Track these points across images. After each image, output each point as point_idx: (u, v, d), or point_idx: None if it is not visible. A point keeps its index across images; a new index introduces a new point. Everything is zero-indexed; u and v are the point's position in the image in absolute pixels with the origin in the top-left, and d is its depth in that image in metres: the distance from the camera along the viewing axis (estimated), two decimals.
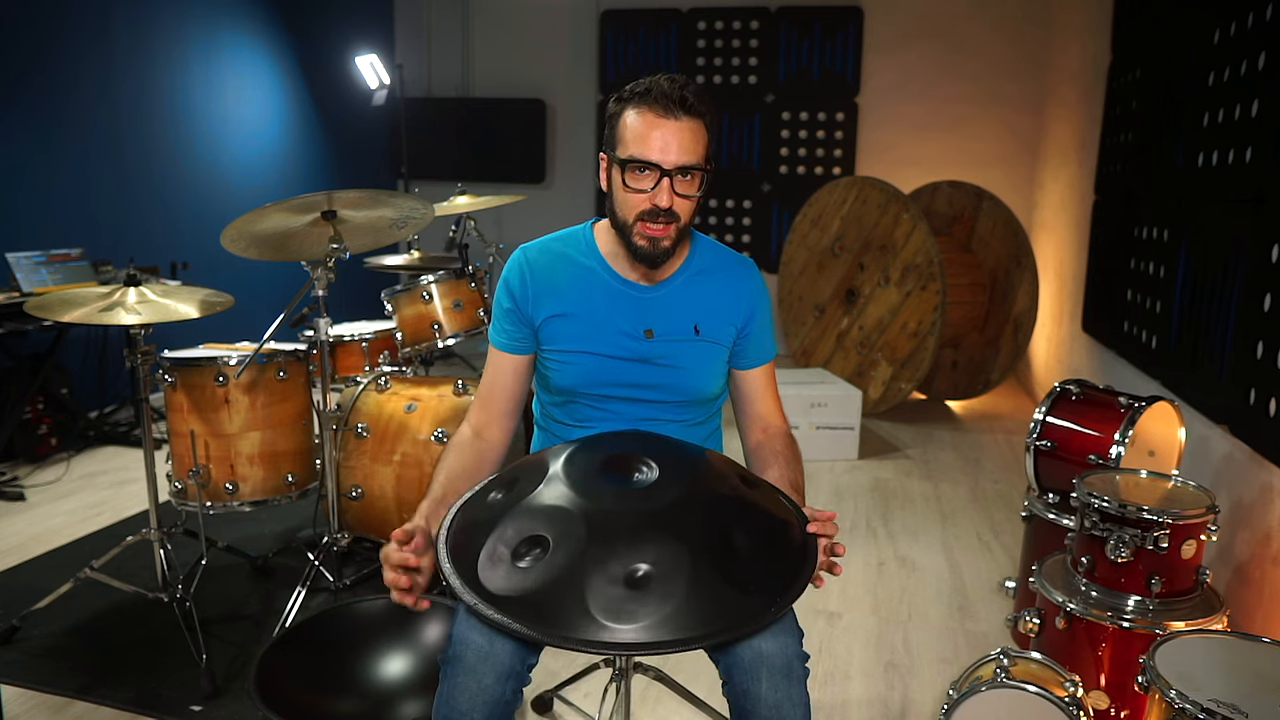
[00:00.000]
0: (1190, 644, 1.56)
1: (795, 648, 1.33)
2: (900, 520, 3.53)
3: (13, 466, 3.80)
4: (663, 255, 1.51)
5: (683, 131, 1.44)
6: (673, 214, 1.47)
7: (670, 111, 1.43)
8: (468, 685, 1.29)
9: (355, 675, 1.81)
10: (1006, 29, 5.88)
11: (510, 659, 1.31)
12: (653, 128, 1.44)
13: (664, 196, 1.45)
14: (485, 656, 1.30)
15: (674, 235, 1.50)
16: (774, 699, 1.29)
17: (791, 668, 1.31)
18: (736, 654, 1.31)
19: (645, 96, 1.45)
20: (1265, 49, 2.36)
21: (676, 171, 1.45)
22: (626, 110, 1.47)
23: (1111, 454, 2.34)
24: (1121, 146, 3.82)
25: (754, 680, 1.30)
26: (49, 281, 3.66)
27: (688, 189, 1.47)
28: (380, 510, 2.77)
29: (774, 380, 1.70)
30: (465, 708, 1.29)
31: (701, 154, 1.47)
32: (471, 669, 1.30)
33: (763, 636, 1.31)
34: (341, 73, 6.21)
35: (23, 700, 2.19)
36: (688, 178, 1.46)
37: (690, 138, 1.45)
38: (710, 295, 1.61)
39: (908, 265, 4.63)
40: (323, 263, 2.43)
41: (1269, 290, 2.20)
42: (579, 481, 1.29)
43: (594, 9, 6.51)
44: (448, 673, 1.32)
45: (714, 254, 1.66)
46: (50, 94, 4.14)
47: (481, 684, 1.29)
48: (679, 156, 1.44)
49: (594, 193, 6.71)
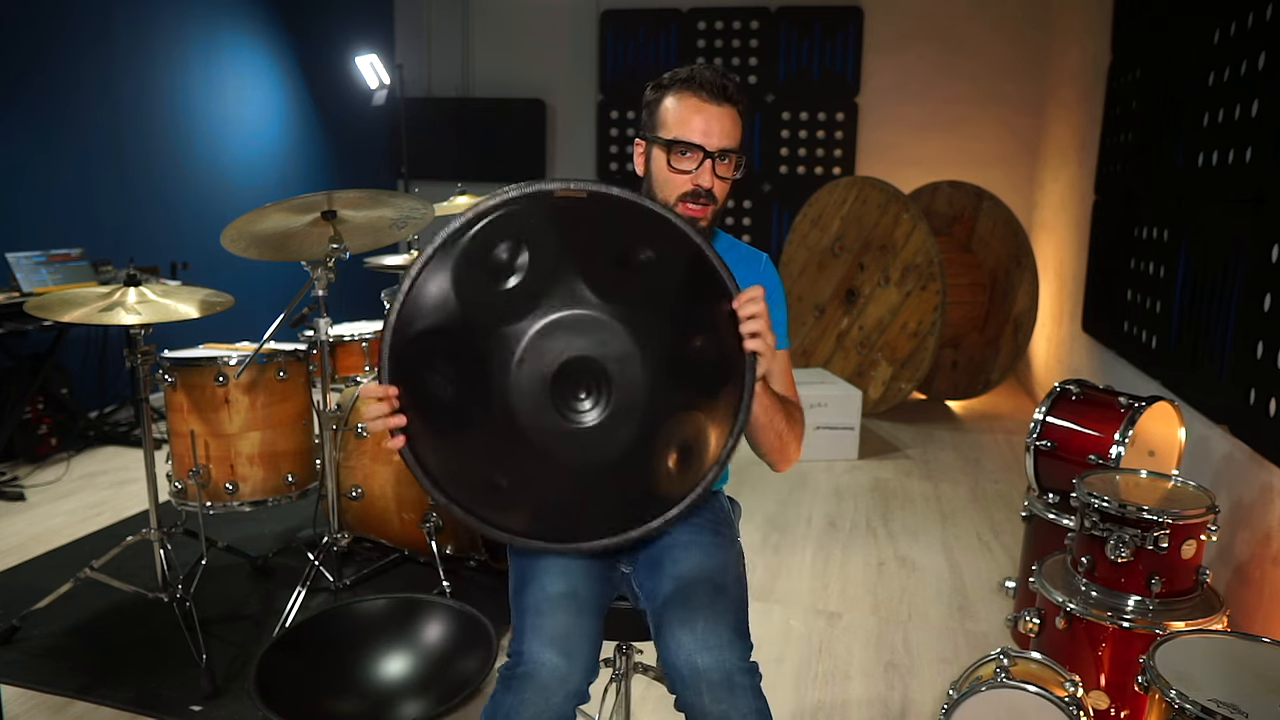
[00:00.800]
0: (1190, 644, 1.56)
1: (734, 660, 1.33)
2: (900, 520, 3.53)
3: (13, 466, 3.80)
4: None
5: (724, 117, 1.50)
6: (712, 195, 1.52)
7: (714, 97, 1.49)
8: (535, 703, 1.29)
9: (355, 675, 1.81)
10: (1006, 29, 5.88)
11: (581, 678, 1.33)
12: (696, 111, 1.49)
13: (706, 177, 1.50)
14: (562, 677, 1.31)
15: (710, 217, 1.54)
16: (718, 712, 1.29)
17: (732, 679, 1.31)
18: (677, 668, 1.33)
19: (689, 83, 1.50)
20: (1265, 49, 2.36)
21: (718, 154, 1.50)
22: (667, 96, 1.53)
23: (1111, 454, 2.34)
24: (1121, 146, 3.82)
25: (695, 694, 1.31)
26: (49, 281, 3.66)
27: (726, 171, 1.52)
28: (380, 510, 2.77)
29: (789, 372, 1.68)
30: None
31: (738, 139, 1.53)
32: (543, 687, 1.30)
33: (699, 650, 1.32)
34: (341, 73, 6.21)
35: (23, 700, 2.19)
36: (726, 161, 1.51)
37: (731, 124, 1.51)
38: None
39: (908, 265, 4.62)
40: (323, 263, 2.43)
41: (1269, 290, 2.20)
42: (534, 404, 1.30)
43: (594, 9, 6.51)
44: (514, 687, 1.31)
45: (731, 246, 1.69)
46: (51, 94, 4.14)
47: (550, 702, 1.30)
48: (720, 140, 1.49)
49: None
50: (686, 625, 1.35)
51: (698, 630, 1.34)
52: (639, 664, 2.03)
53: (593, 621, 1.40)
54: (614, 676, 1.82)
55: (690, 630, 1.34)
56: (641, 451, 1.33)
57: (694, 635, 1.34)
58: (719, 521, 1.62)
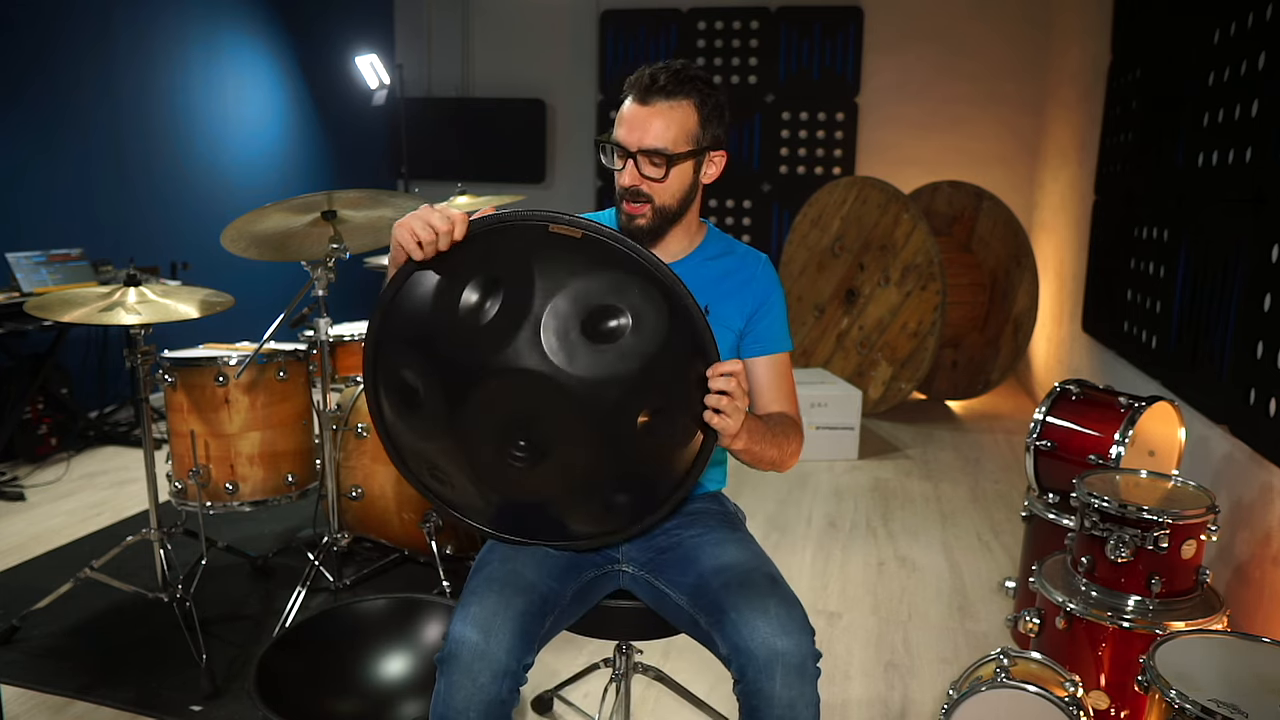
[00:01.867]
0: (1190, 644, 1.56)
1: (809, 646, 1.33)
2: (900, 520, 3.53)
3: (13, 466, 3.80)
4: (639, 233, 1.53)
5: (652, 115, 1.47)
6: (641, 194, 1.50)
7: (641, 94, 1.48)
8: (463, 684, 1.29)
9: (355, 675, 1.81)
10: (1006, 29, 5.88)
11: (506, 657, 1.31)
12: (626, 111, 1.50)
13: (625, 176, 1.50)
14: (481, 654, 1.30)
15: (651, 216, 1.53)
16: (788, 697, 1.29)
17: (805, 666, 1.31)
18: (750, 651, 1.31)
19: (629, 83, 1.51)
20: (1265, 49, 2.36)
21: (640, 153, 1.48)
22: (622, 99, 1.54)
23: (1111, 454, 2.34)
24: (1121, 146, 3.82)
25: (768, 678, 1.29)
26: (49, 281, 3.66)
27: (653, 172, 1.49)
28: (380, 510, 2.77)
29: (787, 375, 1.66)
30: (461, 706, 1.29)
31: (673, 137, 1.48)
32: (467, 667, 1.30)
33: (778, 634, 1.31)
34: (341, 73, 6.21)
35: (23, 700, 2.19)
36: (655, 162, 1.48)
37: (660, 121, 1.47)
38: (721, 279, 1.61)
39: (908, 265, 4.63)
40: (323, 263, 2.43)
41: (1269, 290, 2.20)
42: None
43: (594, 9, 6.51)
44: (443, 671, 1.32)
45: (727, 245, 1.68)
46: (51, 94, 4.14)
47: (477, 683, 1.29)
48: (642, 138, 1.47)
49: (594, 193, 6.71)
50: (759, 610, 1.34)
51: (771, 613, 1.33)
52: (639, 664, 2.03)
53: (526, 603, 1.37)
54: (614, 676, 1.82)
55: (764, 614, 1.33)
56: (581, 496, 1.38)
57: (769, 619, 1.33)
58: (731, 522, 1.62)
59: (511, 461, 1.33)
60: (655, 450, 1.35)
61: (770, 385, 1.64)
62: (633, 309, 1.28)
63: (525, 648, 1.34)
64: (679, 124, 1.49)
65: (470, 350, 1.28)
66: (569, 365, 1.26)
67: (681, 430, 1.35)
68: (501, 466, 1.34)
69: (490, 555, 1.48)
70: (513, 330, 1.26)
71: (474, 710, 1.29)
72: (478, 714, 1.29)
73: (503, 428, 1.31)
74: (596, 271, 1.28)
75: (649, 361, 1.28)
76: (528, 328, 1.26)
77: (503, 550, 1.48)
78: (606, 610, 1.57)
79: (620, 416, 1.29)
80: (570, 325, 1.26)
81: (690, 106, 1.49)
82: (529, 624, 1.36)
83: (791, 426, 1.57)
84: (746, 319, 1.62)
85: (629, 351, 1.27)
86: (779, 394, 1.64)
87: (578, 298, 1.27)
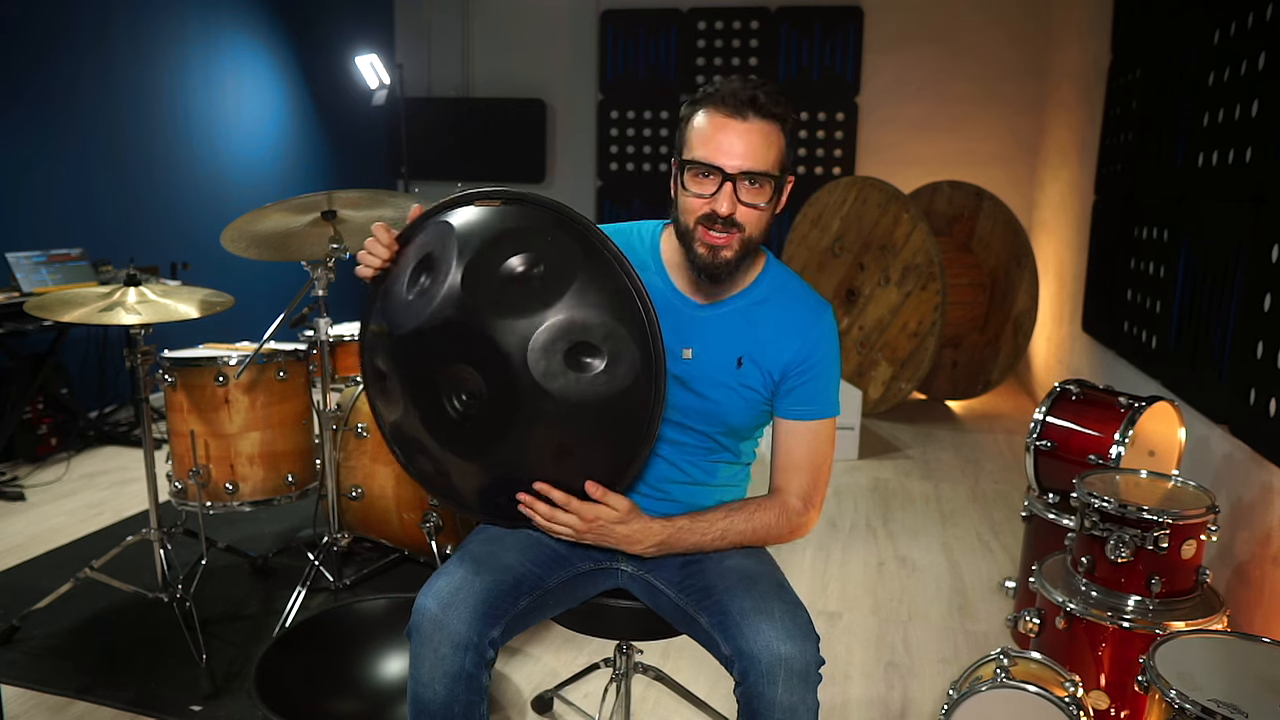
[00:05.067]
0: (1190, 644, 1.56)
1: (813, 652, 1.32)
2: (900, 520, 3.53)
3: (13, 466, 3.80)
4: (724, 267, 1.40)
5: (750, 134, 1.34)
6: (734, 222, 1.36)
7: (738, 111, 1.34)
8: (426, 655, 1.31)
9: (355, 675, 1.82)
10: (1006, 29, 5.88)
11: (466, 629, 1.31)
12: (719, 129, 1.34)
13: (724, 202, 1.35)
14: (439, 625, 1.31)
15: (737, 247, 1.39)
16: (789, 702, 1.28)
17: (809, 672, 1.31)
18: (754, 655, 1.30)
19: (713, 97, 1.36)
20: (1265, 49, 2.36)
21: (741, 176, 1.34)
22: (696, 112, 1.39)
23: (1111, 454, 2.34)
24: (1121, 146, 3.82)
25: (770, 683, 1.28)
26: (49, 281, 3.66)
27: (754, 198, 1.36)
28: (380, 510, 2.77)
29: (820, 446, 1.48)
30: (426, 679, 1.30)
31: (773, 160, 1.36)
32: (428, 638, 1.31)
33: (783, 640, 1.30)
34: (341, 73, 6.21)
35: (23, 700, 2.19)
36: (756, 185, 1.36)
37: (760, 141, 1.34)
38: (764, 327, 1.47)
39: (908, 265, 4.63)
40: (323, 263, 2.43)
41: (1269, 290, 2.20)
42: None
43: (594, 9, 6.51)
44: (411, 642, 1.34)
45: (784, 284, 1.52)
46: (50, 94, 4.14)
47: (438, 653, 1.30)
48: (744, 160, 1.34)
49: (594, 193, 6.71)
50: (764, 613, 1.33)
51: (776, 618, 1.33)
52: (639, 664, 2.03)
53: (494, 581, 1.37)
54: (614, 676, 1.83)
55: (769, 618, 1.32)
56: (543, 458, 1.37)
57: (773, 623, 1.32)
58: None
59: (465, 419, 1.34)
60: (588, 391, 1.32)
61: (792, 451, 1.49)
62: (541, 255, 1.30)
63: (488, 622, 1.33)
64: (776, 146, 1.37)
65: (414, 320, 1.35)
66: (485, 307, 1.29)
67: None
68: (460, 425, 1.35)
69: (475, 536, 1.50)
70: (439, 288, 1.32)
71: (439, 683, 1.30)
72: (443, 687, 1.30)
73: (450, 383, 1.35)
74: (512, 228, 1.33)
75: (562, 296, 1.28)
76: (449, 282, 1.31)
77: (490, 533, 1.49)
78: (606, 610, 1.57)
79: (546, 352, 1.29)
80: (489, 266, 1.31)
81: (782, 130, 1.38)
82: (495, 600, 1.35)
83: (767, 509, 1.47)
84: (783, 371, 1.48)
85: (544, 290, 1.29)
86: (800, 467, 1.49)
87: (491, 249, 1.32)
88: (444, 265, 1.32)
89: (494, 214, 1.34)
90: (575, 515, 1.35)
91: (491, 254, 1.30)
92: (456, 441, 1.38)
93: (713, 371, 1.47)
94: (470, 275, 1.29)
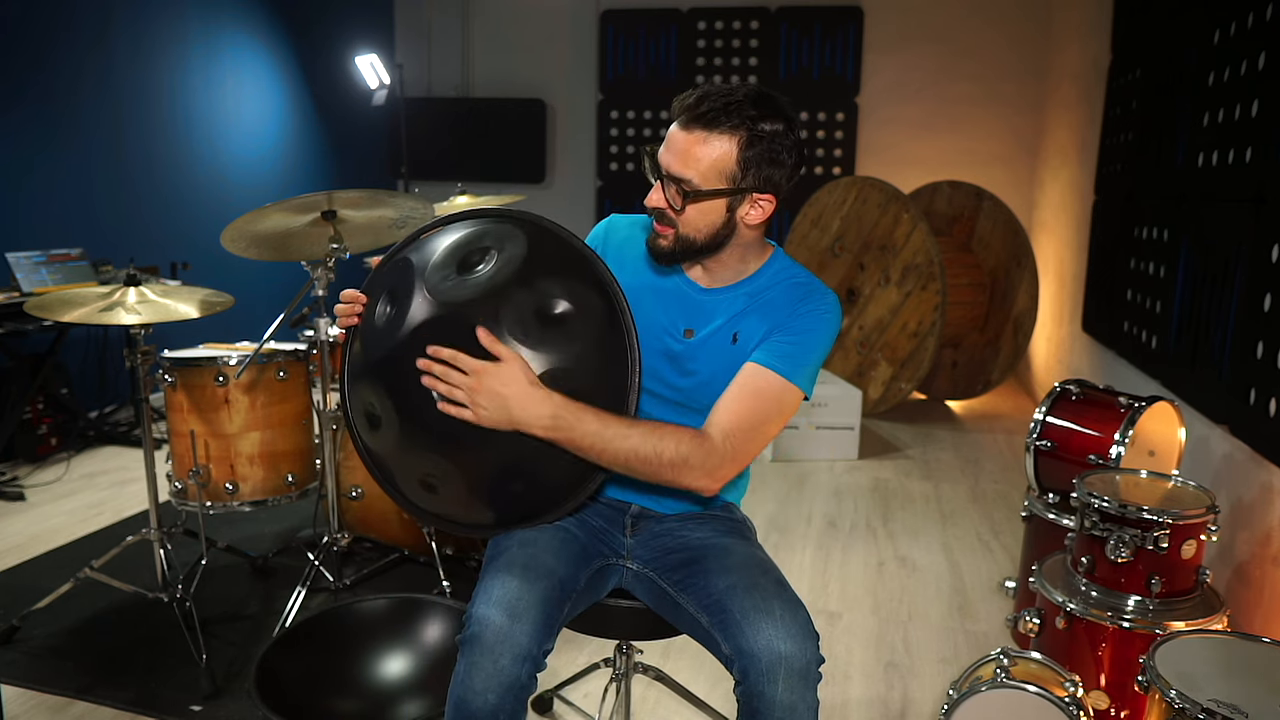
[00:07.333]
0: (1190, 644, 1.56)
1: (813, 652, 1.33)
2: (900, 520, 3.53)
3: (13, 466, 3.80)
4: (662, 255, 1.49)
5: (685, 141, 1.39)
6: (665, 217, 1.44)
7: (683, 118, 1.40)
8: (484, 665, 1.29)
9: (355, 675, 1.81)
10: (1006, 29, 5.88)
11: (528, 641, 1.31)
12: (671, 130, 1.43)
13: (651, 196, 1.46)
14: (505, 636, 1.30)
15: (672, 240, 1.45)
16: (789, 701, 1.28)
17: (809, 671, 1.31)
18: (754, 654, 1.30)
19: (679, 99, 1.43)
20: (1265, 49, 2.36)
21: (668, 177, 1.41)
22: None
23: (1111, 454, 2.34)
24: (1121, 146, 3.82)
25: (770, 682, 1.28)
26: (49, 281, 3.66)
27: (675, 200, 1.42)
28: (380, 510, 2.77)
29: (766, 402, 1.44)
30: (480, 688, 1.28)
31: (703, 169, 1.38)
32: (490, 649, 1.30)
33: (783, 638, 1.30)
34: (341, 73, 6.21)
35: (23, 700, 2.19)
36: (675, 189, 1.41)
37: (688, 148, 1.38)
38: (759, 308, 1.51)
39: (908, 265, 4.63)
40: (323, 263, 2.43)
41: (1269, 290, 2.20)
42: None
43: (594, 9, 6.51)
44: (465, 652, 1.32)
45: (791, 275, 1.54)
46: (51, 94, 4.14)
47: (498, 664, 1.29)
48: (668, 163, 1.41)
49: (594, 193, 6.70)
50: (764, 612, 1.33)
51: (776, 616, 1.33)
52: (639, 664, 2.03)
53: (548, 588, 1.37)
54: (614, 676, 1.83)
55: (769, 617, 1.33)
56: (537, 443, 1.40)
57: (774, 622, 1.32)
58: (740, 530, 1.61)
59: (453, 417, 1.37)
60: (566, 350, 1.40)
61: (739, 395, 1.45)
62: (494, 245, 1.42)
63: (547, 633, 1.34)
64: (713, 160, 1.37)
65: (390, 339, 1.41)
66: (452, 303, 1.37)
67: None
68: (455, 424, 1.36)
69: (508, 541, 1.48)
70: (406, 305, 1.41)
71: (492, 693, 1.28)
72: (496, 696, 1.28)
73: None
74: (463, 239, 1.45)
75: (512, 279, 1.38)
76: (415, 298, 1.40)
77: (520, 535, 1.48)
78: (607, 610, 1.57)
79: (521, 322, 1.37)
80: (446, 271, 1.41)
81: (732, 142, 1.37)
82: (551, 609, 1.36)
83: (679, 440, 1.39)
84: (768, 332, 1.48)
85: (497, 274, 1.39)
86: (738, 410, 1.44)
87: (448, 261, 1.42)
88: (407, 289, 1.42)
89: (448, 236, 1.46)
90: (463, 369, 1.33)
91: (448, 264, 1.41)
92: (455, 441, 1.38)
93: (710, 348, 1.53)
94: (433, 281, 1.39)
